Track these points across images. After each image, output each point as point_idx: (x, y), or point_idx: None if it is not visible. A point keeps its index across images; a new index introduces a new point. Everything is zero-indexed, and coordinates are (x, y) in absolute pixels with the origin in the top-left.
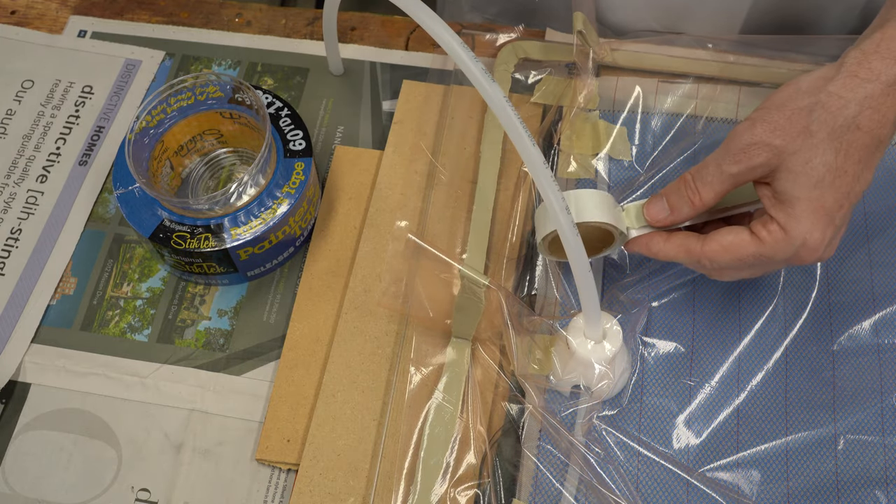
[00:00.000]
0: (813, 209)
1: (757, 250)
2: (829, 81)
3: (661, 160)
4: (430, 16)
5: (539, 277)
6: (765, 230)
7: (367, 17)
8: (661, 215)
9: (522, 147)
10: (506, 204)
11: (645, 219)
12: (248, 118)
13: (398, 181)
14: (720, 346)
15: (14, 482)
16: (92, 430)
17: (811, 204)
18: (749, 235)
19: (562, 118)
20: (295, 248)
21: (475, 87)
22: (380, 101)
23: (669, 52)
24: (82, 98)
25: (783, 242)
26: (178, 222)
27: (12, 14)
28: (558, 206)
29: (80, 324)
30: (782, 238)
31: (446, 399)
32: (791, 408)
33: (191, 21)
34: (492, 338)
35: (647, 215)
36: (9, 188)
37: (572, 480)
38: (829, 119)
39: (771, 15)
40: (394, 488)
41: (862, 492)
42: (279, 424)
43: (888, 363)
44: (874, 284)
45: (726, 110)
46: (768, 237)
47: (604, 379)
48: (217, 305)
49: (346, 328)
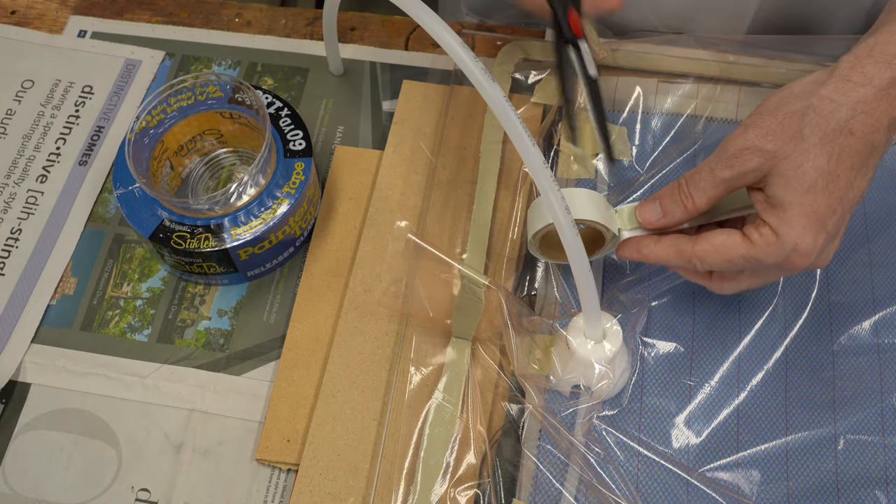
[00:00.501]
0: (805, 214)
1: (748, 252)
2: (821, 85)
3: (661, 160)
4: (431, 16)
5: (539, 277)
6: (756, 233)
7: (367, 17)
8: (654, 217)
9: (522, 147)
10: (506, 204)
11: (637, 221)
12: (248, 118)
13: (398, 181)
14: (720, 346)
15: (14, 482)
16: (92, 430)
17: (803, 209)
18: (740, 237)
19: (562, 118)
20: (295, 248)
21: (475, 87)
22: (380, 101)
23: (669, 52)
24: (82, 98)
25: (774, 246)
26: (178, 222)
27: (12, 14)
28: (558, 206)
29: (80, 324)
30: (774, 241)
31: (446, 399)
32: (791, 408)
33: (191, 21)
34: (492, 338)
35: (640, 217)
36: (9, 188)
37: (572, 480)
38: (820, 123)
39: (776, 19)
40: (394, 488)
41: (862, 492)
42: (279, 424)
43: (888, 363)
44: (874, 284)
45: (726, 110)
46: (759, 240)
47: (604, 379)
48: (217, 305)
49: (346, 328)
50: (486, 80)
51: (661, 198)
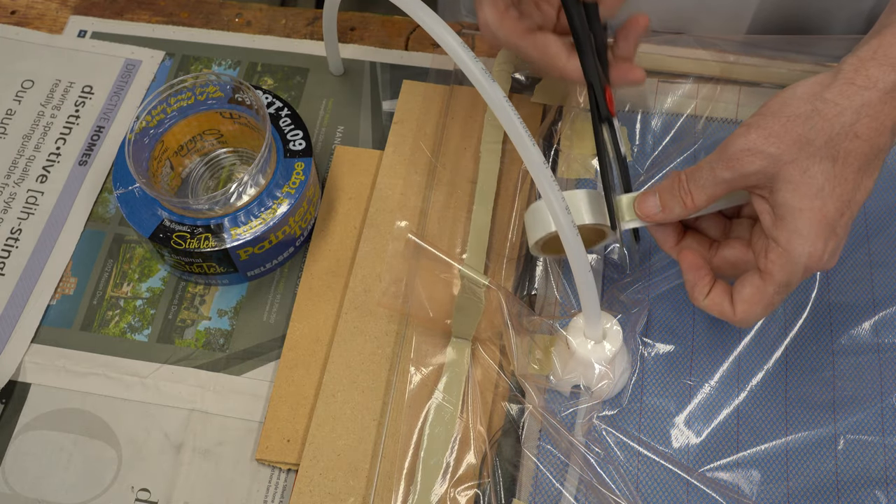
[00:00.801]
0: (815, 220)
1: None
2: (825, 88)
3: (661, 160)
4: (431, 16)
5: (539, 277)
6: (768, 261)
7: (367, 17)
8: (653, 211)
9: (522, 147)
10: (506, 204)
11: (636, 213)
12: (248, 118)
13: (398, 181)
14: (720, 345)
15: (14, 482)
16: (92, 430)
17: (813, 214)
18: (759, 279)
19: (562, 118)
20: (295, 248)
21: (475, 87)
22: (380, 101)
23: (669, 52)
24: (82, 98)
25: (790, 265)
26: (178, 222)
27: (12, 14)
28: (558, 207)
29: (80, 324)
30: (787, 261)
31: (446, 399)
32: (791, 408)
33: (191, 21)
34: (492, 338)
35: (639, 210)
36: (9, 188)
37: (572, 480)
38: (825, 127)
39: (775, 21)
40: (394, 488)
41: (862, 492)
42: (279, 424)
43: (888, 363)
44: (874, 284)
45: (726, 110)
46: (776, 269)
47: (604, 379)
48: (217, 305)
49: (346, 328)
50: (486, 80)
51: (660, 192)
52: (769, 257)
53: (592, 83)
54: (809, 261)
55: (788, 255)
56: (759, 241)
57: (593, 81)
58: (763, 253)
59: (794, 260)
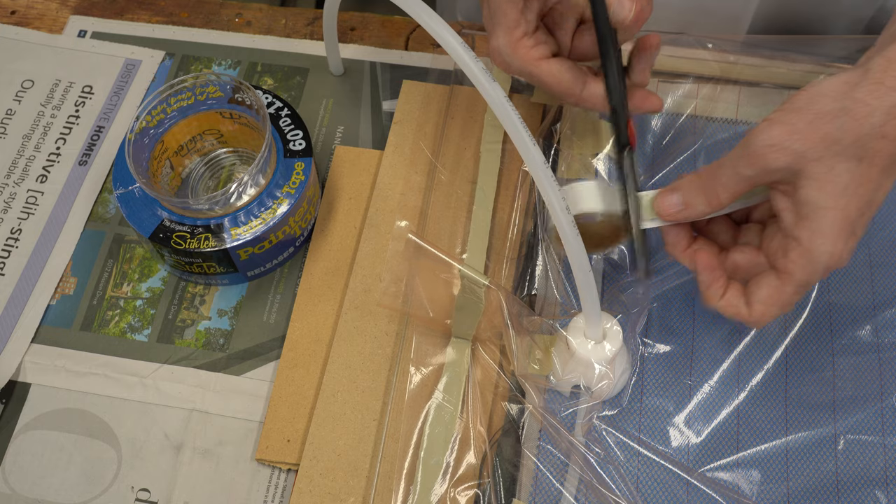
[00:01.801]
0: (840, 219)
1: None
2: (854, 87)
3: (662, 160)
4: (431, 15)
5: (539, 277)
6: (787, 260)
7: (367, 17)
8: (674, 209)
9: (522, 147)
10: (506, 204)
11: (654, 211)
12: (248, 118)
13: (398, 181)
14: (720, 346)
15: (14, 482)
16: (92, 430)
17: (837, 213)
18: (776, 278)
19: (562, 118)
20: (295, 248)
21: (475, 87)
22: (380, 101)
23: (669, 52)
24: (82, 98)
25: (810, 265)
26: (178, 222)
27: (12, 14)
28: (558, 207)
29: (80, 324)
30: (808, 261)
31: (446, 399)
32: (791, 408)
33: (191, 21)
34: (492, 338)
35: (659, 208)
36: (9, 188)
37: (572, 480)
38: (854, 126)
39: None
40: (394, 488)
41: (862, 492)
42: (279, 424)
43: (888, 363)
44: (874, 284)
45: (726, 110)
46: (794, 266)
47: (604, 379)
48: (217, 305)
49: (346, 328)
50: (486, 79)
51: (682, 188)
52: (789, 256)
53: (618, 112)
54: (830, 260)
55: (810, 255)
56: (773, 242)
57: (619, 113)
58: (781, 252)
59: (815, 259)
